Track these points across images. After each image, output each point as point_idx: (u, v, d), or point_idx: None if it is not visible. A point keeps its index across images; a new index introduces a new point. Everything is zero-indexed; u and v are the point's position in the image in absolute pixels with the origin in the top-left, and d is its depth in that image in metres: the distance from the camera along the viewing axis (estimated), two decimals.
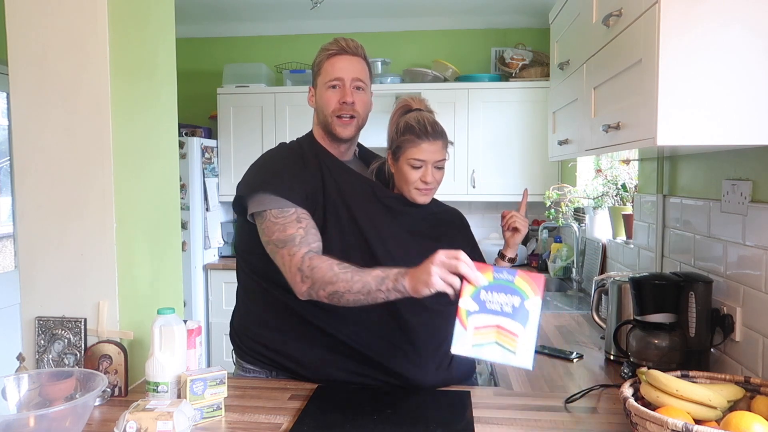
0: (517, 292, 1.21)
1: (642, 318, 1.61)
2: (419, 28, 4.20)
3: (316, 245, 1.39)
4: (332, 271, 1.31)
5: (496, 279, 1.21)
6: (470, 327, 1.19)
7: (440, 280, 1.17)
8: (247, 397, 1.44)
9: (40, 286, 1.54)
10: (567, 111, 2.05)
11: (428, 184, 1.47)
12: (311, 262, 1.33)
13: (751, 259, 1.45)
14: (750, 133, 1.18)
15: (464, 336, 1.18)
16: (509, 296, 1.20)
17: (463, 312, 1.19)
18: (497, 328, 1.19)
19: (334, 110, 1.49)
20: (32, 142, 1.52)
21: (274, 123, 3.99)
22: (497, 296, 1.20)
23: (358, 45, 1.53)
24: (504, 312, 1.20)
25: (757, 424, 1.04)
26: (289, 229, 1.38)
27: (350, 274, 1.29)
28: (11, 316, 3.17)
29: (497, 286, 1.21)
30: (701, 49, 1.16)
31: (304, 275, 1.33)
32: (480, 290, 1.19)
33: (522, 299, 1.20)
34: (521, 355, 1.19)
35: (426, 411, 1.34)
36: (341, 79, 1.49)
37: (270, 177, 1.45)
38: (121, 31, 1.54)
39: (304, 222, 1.41)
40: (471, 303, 1.19)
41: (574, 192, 3.22)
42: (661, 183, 2.04)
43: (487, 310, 1.20)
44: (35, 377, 1.27)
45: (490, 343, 1.19)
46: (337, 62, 1.50)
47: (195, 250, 3.78)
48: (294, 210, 1.41)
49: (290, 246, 1.37)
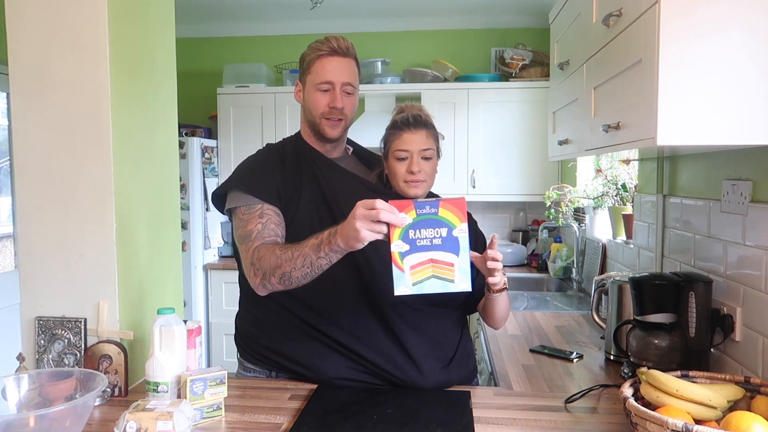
0: (443, 223, 1.24)
1: (642, 318, 1.61)
2: (419, 28, 4.20)
3: (271, 239, 1.40)
4: (275, 254, 1.33)
5: (420, 215, 1.23)
6: (406, 267, 1.23)
7: (367, 231, 1.19)
8: (247, 397, 1.44)
9: (40, 286, 1.54)
10: (567, 111, 2.05)
11: (415, 175, 1.44)
12: (258, 253, 1.37)
13: (751, 259, 1.45)
14: (750, 133, 1.18)
15: (403, 278, 1.23)
16: (436, 229, 1.23)
17: (396, 255, 1.22)
18: (431, 262, 1.24)
19: (323, 113, 1.50)
20: (32, 142, 1.52)
21: (274, 123, 4.00)
22: (425, 232, 1.23)
23: (350, 45, 1.52)
24: (434, 245, 1.23)
25: (757, 424, 1.04)
26: (249, 225, 1.42)
27: (290, 252, 1.32)
28: (11, 316, 3.17)
29: (423, 222, 1.23)
30: (701, 49, 1.16)
31: (255, 268, 1.36)
32: (407, 230, 1.22)
33: (449, 229, 1.24)
34: (459, 281, 1.25)
35: (426, 411, 1.34)
36: (332, 83, 1.49)
37: (242, 176, 1.50)
38: (121, 31, 1.54)
39: (265, 217, 1.43)
40: (402, 245, 1.22)
41: (574, 192, 3.22)
42: (661, 183, 2.04)
43: (418, 247, 1.23)
44: (35, 377, 1.27)
45: (428, 278, 1.24)
46: (328, 63, 1.49)
47: (195, 250, 3.78)
48: (260, 206, 1.44)
49: (247, 242, 1.41)
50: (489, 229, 4.21)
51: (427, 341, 1.47)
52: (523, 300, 3.00)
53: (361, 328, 1.45)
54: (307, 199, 1.48)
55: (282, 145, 1.59)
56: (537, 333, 2.18)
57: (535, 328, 2.26)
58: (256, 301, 1.52)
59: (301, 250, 1.30)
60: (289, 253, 1.31)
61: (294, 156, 1.54)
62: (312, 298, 1.46)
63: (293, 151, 1.55)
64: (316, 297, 1.46)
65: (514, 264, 3.82)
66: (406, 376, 1.46)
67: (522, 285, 3.49)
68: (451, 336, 1.53)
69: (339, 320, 1.46)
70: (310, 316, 1.47)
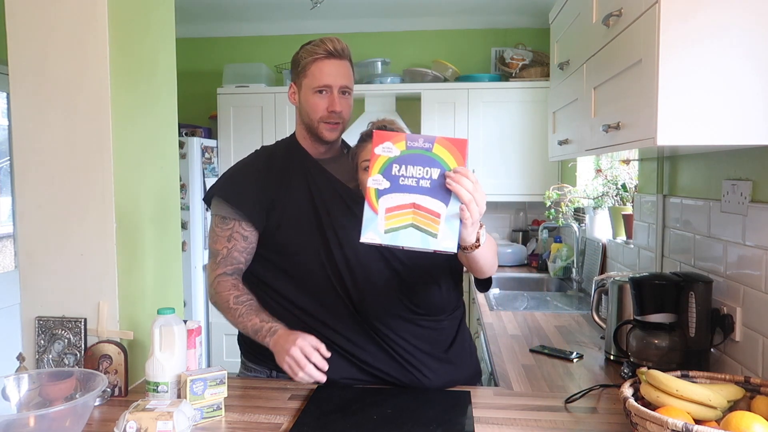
0: (436, 162, 1.02)
1: (642, 318, 1.61)
2: (419, 28, 4.20)
3: (231, 268, 1.50)
4: (227, 303, 1.47)
5: (409, 148, 1.02)
6: (381, 209, 1.03)
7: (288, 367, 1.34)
8: (247, 397, 1.44)
9: (40, 286, 1.54)
10: (567, 111, 2.05)
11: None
12: (217, 287, 1.49)
13: (751, 259, 1.45)
14: (750, 133, 1.18)
15: (374, 222, 1.02)
16: (427, 168, 1.02)
17: (371, 192, 1.02)
18: (413, 207, 1.03)
19: (321, 117, 1.49)
20: (32, 142, 1.52)
21: (274, 123, 3.99)
22: (412, 169, 1.02)
23: (345, 46, 1.50)
24: (421, 188, 1.03)
25: (757, 424, 1.04)
26: (218, 244, 1.50)
27: (238, 313, 1.46)
28: (11, 316, 3.17)
29: (412, 157, 1.02)
30: (701, 49, 1.16)
31: (211, 294, 1.52)
32: (391, 163, 1.02)
33: (442, 171, 1.03)
34: (443, 238, 1.02)
35: (426, 411, 1.34)
36: (329, 87, 1.48)
37: (224, 182, 1.54)
38: (121, 32, 1.54)
39: (232, 242, 1.49)
40: (381, 180, 1.02)
41: (574, 192, 3.22)
42: (661, 183, 2.04)
43: (401, 186, 1.02)
44: (35, 377, 1.27)
45: (405, 227, 1.02)
46: (325, 67, 1.47)
47: (195, 250, 3.78)
48: (233, 224, 1.49)
49: (212, 261, 1.52)
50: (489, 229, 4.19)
51: (421, 347, 1.48)
52: (523, 300, 3.00)
53: (357, 335, 1.47)
54: (296, 202, 1.49)
55: (274, 149, 1.60)
56: (537, 333, 2.18)
57: (535, 328, 2.26)
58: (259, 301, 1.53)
59: (244, 320, 1.45)
60: (236, 314, 1.46)
61: (285, 159, 1.54)
62: (309, 307, 1.48)
63: (285, 155, 1.55)
64: (314, 307, 1.48)
65: (514, 264, 3.83)
66: (407, 378, 1.46)
67: (522, 285, 3.49)
68: (444, 340, 1.52)
69: (336, 328, 1.47)
70: (310, 321, 1.48)
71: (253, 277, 1.55)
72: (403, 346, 1.46)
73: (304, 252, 1.47)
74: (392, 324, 1.46)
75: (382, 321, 1.46)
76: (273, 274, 1.51)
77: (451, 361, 1.51)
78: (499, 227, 4.22)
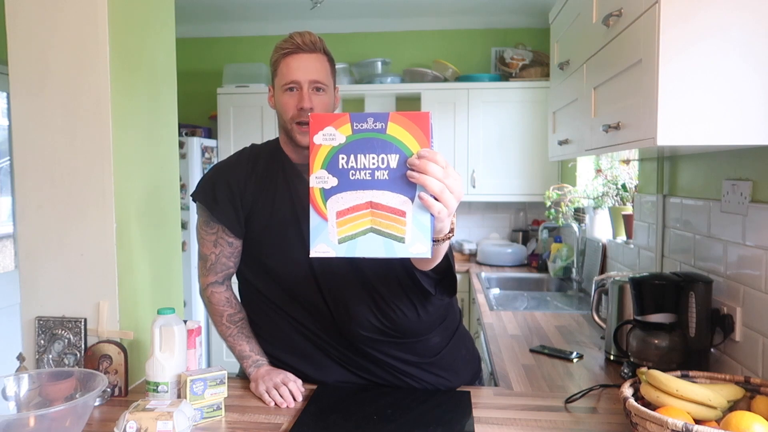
0: (393, 146, 0.83)
1: (642, 318, 1.61)
2: (419, 28, 4.20)
3: (222, 275, 1.52)
4: (220, 319, 1.52)
5: (356, 132, 0.82)
6: (331, 214, 0.84)
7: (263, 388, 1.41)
8: (247, 397, 1.44)
9: (40, 286, 1.54)
10: (567, 111, 2.05)
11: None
12: (211, 297, 1.52)
13: (751, 259, 1.45)
14: (750, 133, 1.18)
15: (324, 229, 0.84)
16: (382, 156, 0.83)
17: (316, 193, 0.83)
18: (370, 207, 0.84)
19: (292, 116, 1.38)
20: (32, 142, 1.52)
21: (274, 123, 3.99)
22: (364, 159, 0.83)
23: (316, 39, 1.40)
24: (377, 182, 0.83)
25: (757, 424, 1.04)
26: (205, 248, 1.51)
27: (228, 332, 1.51)
28: (11, 316, 3.17)
29: (362, 143, 0.82)
30: (701, 49, 1.16)
31: (204, 300, 1.55)
32: (336, 154, 0.82)
33: (402, 156, 0.83)
34: (413, 242, 0.83)
35: (426, 411, 1.34)
36: (297, 82, 1.37)
37: (204, 186, 1.49)
38: (121, 31, 1.54)
39: (219, 248, 1.49)
40: (326, 176, 0.83)
41: (574, 192, 3.22)
42: (661, 183, 2.04)
43: (351, 182, 0.83)
44: (35, 377, 1.27)
45: (363, 232, 0.83)
46: (293, 62, 1.37)
47: (195, 250, 3.77)
48: (217, 229, 1.48)
49: (201, 264, 1.52)
50: (489, 229, 4.21)
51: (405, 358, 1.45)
52: (523, 300, 3.00)
53: (344, 345, 1.45)
54: (277, 210, 1.43)
55: (260, 150, 1.52)
56: (537, 333, 2.18)
57: (535, 328, 2.26)
58: (252, 304, 1.53)
59: (233, 342, 1.51)
60: (228, 332, 1.51)
61: (268, 164, 1.47)
62: (298, 316, 1.46)
63: (269, 159, 1.48)
64: (302, 316, 1.46)
65: (514, 264, 3.83)
66: (399, 383, 1.46)
67: (522, 285, 3.49)
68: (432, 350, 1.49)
69: (322, 336, 1.46)
70: (300, 328, 1.47)
71: (243, 279, 1.54)
72: (385, 360, 1.45)
73: (287, 261, 1.42)
74: (376, 345, 1.43)
75: (365, 343, 1.43)
76: (262, 280, 1.48)
77: (442, 367, 1.49)
78: (499, 227, 4.22)
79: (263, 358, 1.50)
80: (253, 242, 1.46)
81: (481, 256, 3.86)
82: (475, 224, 4.22)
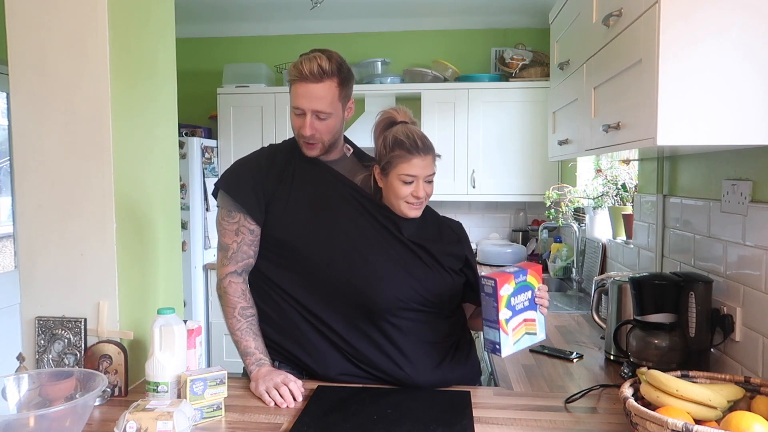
0: (529, 287, 1.41)
1: (642, 318, 1.61)
2: (419, 28, 4.20)
3: (242, 264, 1.53)
4: (232, 310, 1.52)
5: (517, 284, 1.38)
6: (510, 330, 1.36)
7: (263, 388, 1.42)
8: (247, 397, 1.44)
9: (40, 286, 1.54)
10: (567, 111, 2.05)
11: (419, 199, 1.47)
12: (228, 287, 1.53)
13: (751, 259, 1.45)
14: (749, 133, 1.18)
15: (508, 340, 1.36)
16: (525, 293, 1.40)
17: (503, 322, 1.35)
18: (524, 321, 1.40)
19: (299, 135, 1.52)
20: (32, 142, 1.52)
21: (274, 123, 4.00)
22: (520, 297, 1.39)
23: (325, 67, 1.44)
24: (525, 307, 1.40)
25: (757, 424, 1.04)
26: (227, 237, 1.53)
27: (238, 326, 1.51)
28: (11, 316, 3.17)
29: (519, 289, 1.38)
30: (701, 49, 1.16)
31: (219, 289, 1.55)
32: (510, 297, 1.36)
33: (532, 291, 1.42)
34: (540, 333, 1.43)
35: (426, 411, 1.34)
36: (301, 109, 1.47)
37: (227, 175, 1.56)
38: (121, 32, 1.54)
39: (240, 236, 1.52)
40: (506, 312, 1.35)
41: (574, 192, 3.22)
42: (661, 183, 2.04)
43: (516, 311, 1.38)
44: (35, 377, 1.27)
45: (522, 336, 1.39)
46: (299, 89, 1.46)
47: (195, 250, 3.78)
48: (238, 218, 1.51)
49: (222, 255, 1.54)
50: (489, 229, 4.21)
51: (419, 342, 1.48)
52: None
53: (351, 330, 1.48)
54: (297, 199, 1.51)
55: (279, 147, 1.62)
56: None
57: None
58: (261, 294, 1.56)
59: (239, 336, 1.51)
60: (234, 326, 1.51)
61: (288, 156, 1.56)
62: (309, 302, 1.50)
63: (289, 151, 1.57)
64: (314, 302, 1.50)
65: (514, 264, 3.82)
66: (400, 375, 1.47)
67: None
68: (443, 337, 1.52)
69: (330, 322, 1.48)
70: (309, 315, 1.50)
71: (255, 271, 1.56)
72: (400, 337, 1.47)
73: (304, 247, 1.48)
74: (393, 319, 1.46)
75: (383, 316, 1.46)
76: (276, 268, 1.52)
77: (443, 362, 1.50)
78: (499, 227, 4.22)
79: (266, 357, 1.51)
80: (271, 228, 1.51)
81: (481, 256, 3.85)
82: (475, 224, 4.22)
